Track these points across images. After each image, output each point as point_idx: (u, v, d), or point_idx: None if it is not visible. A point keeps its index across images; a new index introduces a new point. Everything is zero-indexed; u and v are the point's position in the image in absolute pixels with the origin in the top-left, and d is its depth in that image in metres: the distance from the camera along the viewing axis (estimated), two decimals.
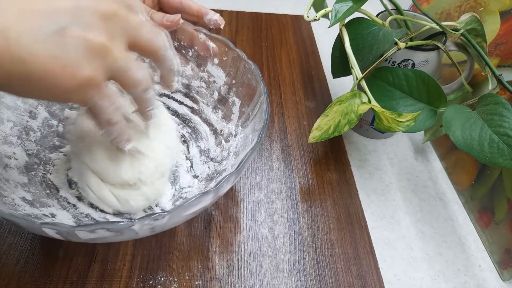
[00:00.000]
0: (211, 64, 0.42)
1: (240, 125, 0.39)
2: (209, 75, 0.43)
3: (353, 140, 0.48)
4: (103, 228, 0.23)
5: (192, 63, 0.43)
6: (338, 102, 0.38)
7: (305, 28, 0.65)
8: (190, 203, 0.25)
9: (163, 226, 0.27)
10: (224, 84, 0.42)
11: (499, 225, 0.38)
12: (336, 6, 0.37)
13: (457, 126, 0.35)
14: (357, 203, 0.41)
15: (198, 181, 0.38)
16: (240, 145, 0.37)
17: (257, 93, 0.36)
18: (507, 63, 0.39)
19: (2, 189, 0.29)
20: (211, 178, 0.37)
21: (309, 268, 0.35)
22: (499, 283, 0.37)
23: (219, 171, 0.37)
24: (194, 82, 0.44)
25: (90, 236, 0.24)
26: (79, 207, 0.34)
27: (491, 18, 0.41)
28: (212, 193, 0.27)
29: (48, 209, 0.31)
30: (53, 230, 0.23)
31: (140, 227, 0.25)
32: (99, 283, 0.32)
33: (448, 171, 0.46)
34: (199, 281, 0.33)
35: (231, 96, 0.41)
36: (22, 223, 0.23)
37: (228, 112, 0.41)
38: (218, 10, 0.65)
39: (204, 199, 0.26)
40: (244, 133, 0.38)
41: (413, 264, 0.37)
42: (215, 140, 0.41)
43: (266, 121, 0.32)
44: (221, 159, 0.39)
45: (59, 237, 0.25)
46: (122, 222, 0.23)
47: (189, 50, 0.42)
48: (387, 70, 0.39)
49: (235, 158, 0.36)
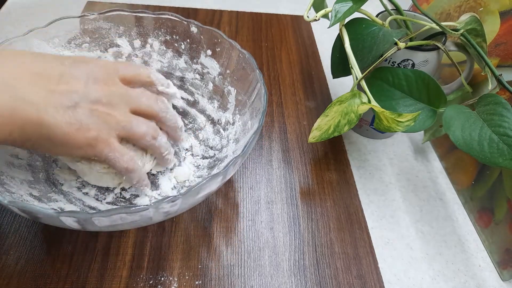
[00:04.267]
0: (204, 56, 0.42)
1: (238, 113, 0.40)
2: (203, 67, 0.43)
3: (353, 140, 0.48)
4: (119, 213, 0.25)
5: (185, 55, 0.43)
6: (338, 102, 0.38)
7: (305, 28, 0.65)
8: (200, 186, 0.27)
9: (176, 210, 0.29)
10: (219, 75, 0.42)
11: (499, 225, 0.38)
12: (336, 6, 0.37)
13: (457, 126, 0.35)
14: (357, 203, 0.41)
15: (199, 169, 0.39)
16: (239, 132, 0.38)
17: (253, 80, 0.37)
18: (507, 63, 0.39)
19: (9, 186, 0.30)
20: (213, 165, 0.38)
21: (309, 268, 0.35)
22: (499, 283, 0.37)
23: (220, 158, 0.38)
24: (188, 75, 0.44)
25: (106, 223, 0.26)
26: (85, 200, 0.34)
27: (491, 18, 0.41)
28: (221, 176, 0.28)
29: (56, 203, 0.32)
30: (72, 218, 0.24)
31: (155, 211, 0.26)
32: (99, 283, 0.32)
33: (448, 171, 0.46)
34: (199, 281, 0.33)
35: (226, 86, 0.42)
36: (40, 215, 0.25)
37: (224, 101, 0.42)
38: (218, 10, 0.66)
39: (213, 182, 0.28)
40: (243, 120, 0.38)
41: (413, 264, 0.37)
42: (213, 129, 0.42)
43: (265, 106, 0.34)
44: (221, 146, 0.40)
45: (75, 226, 0.26)
46: (137, 207, 0.25)
47: (181, 43, 0.42)
48: (387, 70, 0.39)
49: (236, 145, 0.37)
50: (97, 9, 0.51)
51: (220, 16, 0.64)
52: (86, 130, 0.27)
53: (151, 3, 0.65)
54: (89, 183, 0.36)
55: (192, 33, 0.42)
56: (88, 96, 0.28)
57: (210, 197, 0.39)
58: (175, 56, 0.44)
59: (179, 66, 0.44)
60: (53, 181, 0.35)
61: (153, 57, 0.44)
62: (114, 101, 0.29)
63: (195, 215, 0.37)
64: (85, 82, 0.28)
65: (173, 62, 0.44)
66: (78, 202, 0.34)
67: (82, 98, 0.27)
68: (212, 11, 0.65)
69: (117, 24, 0.41)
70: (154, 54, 0.44)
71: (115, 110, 0.29)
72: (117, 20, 0.41)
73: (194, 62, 0.43)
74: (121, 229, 0.34)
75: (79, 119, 0.27)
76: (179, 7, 0.65)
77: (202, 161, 0.40)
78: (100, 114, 0.28)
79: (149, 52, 0.43)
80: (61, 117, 0.26)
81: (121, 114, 0.30)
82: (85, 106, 0.28)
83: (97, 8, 0.61)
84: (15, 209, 0.25)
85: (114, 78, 0.30)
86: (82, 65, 0.29)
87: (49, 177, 0.35)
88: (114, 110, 0.29)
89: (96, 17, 0.40)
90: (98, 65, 0.30)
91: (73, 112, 0.27)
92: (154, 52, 0.43)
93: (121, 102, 0.30)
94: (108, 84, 0.29)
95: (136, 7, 0.64)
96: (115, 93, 0.29)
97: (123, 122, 0.29)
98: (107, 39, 0.42)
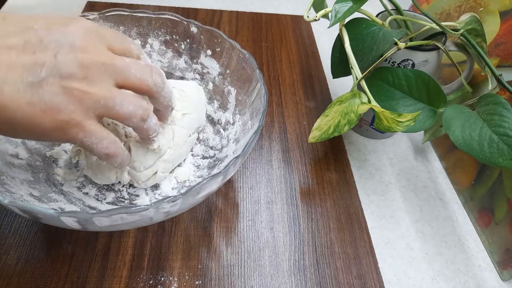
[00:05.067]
0: (204, 56, 0.43)
1: (238, 112, 0.40)
2: (203, 67, 0.43)
3: (353, 140, 0.48)
4: (119, 213, 0.24)
5: (185, 55, 0.43)
6: (338, 102, 0.38)
7: (305, 28, 0.65)
8: (201, 185, 0.27)
9: (176, 210, 0.28)
10: (219, 75, 0.42)
11: (499, 225, 0.38)
12: (336, 6, 0.37)
13: (457, 126, 0.35)
14: (357, 203, 0.41)
15: (199, 169, 0.39)
16: (239, 132, 0.38)
17: (253, 80, 0.37)
18: (507, 63, 0.39)
19: (9, 186, 0.30)
20: (213, 165, 0.38)
21: (309, 268, 0.35)
22: (499, 283, 0.37)
23: (221, 158, 0.38)
24: (188, 75, 0.44)
25: (106, 223, 0.25)
26: (85, 201, 0.34)
27: (491, 18, 0.41)
28: (222, 175, 0.28)
29: (56, 203, 0.32)
30: (73, 218, 0.24)
31: (155, 211, 0.26)
32: (99, 283, 0.32)
33: (447, 171, 0.46)
34: (199, 281, 0.33)
35: (226, 86, 0.42)
36: (40, 216, 0.24)
37: (224, 101, 0.42)
38: (218, 10, 0.66)
39: (214, 182, 0.28)
40: (243, 120, 0.39)
41: (413, 264, 0.37)
42: (213, 129, 0.42)
43: (265, 106, 0.34)
44: (221, 146, 0.40)
45: (76, 226, 0.26)
46: (137, 207, 0.25)
47: (181, 43, 0.42)
48: (387, 70, 0.39)
49: (236, 145, 0.37)
50: (97, 9, 0.51)
51: (220, 16, 0.64)
52: (54, 112, 0.23)
53: (151, 3, 0.65)
54: (89, 183, 0.36)
55: (192, 33, 0.42)
56: (59, 69, 0.23)
57: (210, 197, 0.39)
58: (175, 56, 0.44)
59: (179, 66, 0.44)
60: (53, 181, 0.35)
61: (153, 57, 0.44)
62: (93, 73, 0.24)
63: (195, 215, 0.37)
64: (57, 51, 0.23)
65: (173, 62, 0.44)
66: (78, 202, 0.34)
67: (51, 72, 0.22)
68: (212, 11, 0.65)
69: (117, 24, 0.41)
70: (154, 54, 0.44)
71: (95, 85, 0.24)
72: (117, 20, 0.41)
73: (194, 62, 0.43)
74: (121, 229, 0.34)
75: (45, 98, 0.22)
76: (179, 7, 0.65)
77: (202, 161, 0.40)
78: (74, 91, 0.23)
79: (149, 52, 0.44)
80: (20, 97, 0.22)
81: (103, 89, 0.24)
82: (54, 82, 0.23)
83: (97, 8, 0.61)
84: (15, 209, 0.25)
85: (99, 45, 0.25)
86: (57, 27, 0.23)
87: (49, 177, 0.35)
88: (93, 85, 0.24)
89: (96, 17, 0.40)
90: (80, 28, 0.24)
91: (38, 89, 0.22)
92: (154, 52, 0.44)
93: (104, 74, 0.24)
94: (89, 52, 0.24)
95: (136, 7, 0.63)
96: (96, 63, 0.24)
97: (103, 99, 0.24)
98: None
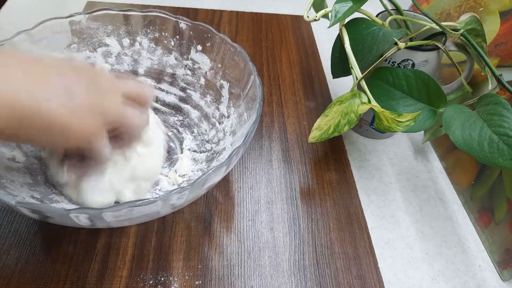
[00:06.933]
0: (194, 52, 0.43)
1: (232, 105, 0.40)
2: (194, 62, 0.43)
3: (353, 140, 0.48)
4: (129, 207, 0.25)
5: (175, 52, 0.43)
6: (338, 102, 0.38)
7: (305, 28, 0.65)
8: (206, 176, 0.27)
9: (182, 203, 0.29)
10: (210, 69, 0.42)
11: (499, 225, 0.38)
12: (336, 6, 0.37)
13: (457, 126, 0.35)
14: (357, 203, 0.41)
15: (197, 163, 0.39)
16: (235, 124, 0.38)
17: (246, 73, 0.37)
18: (507, 63, 0.39)
19: (10, 189, 0.30)
20: (211, 158, 0.39)
21: (309, 268, 0.35)
22: (499, 283, 0.37)
23: (218, 151, 0.38)
24: (179, 71, 0.44)
25: (115, 218, 0.26)
26: None
27: (491, 18, 0.41)
28: (225, 166, 0.29)
29: (58, 204, 0.32)
30: (83, 215, 0.25)
31: (163, 203, 0.27)
32: (99, 283, 0.32)
33: (447, 171, 0.46)
34: (199, 281, 0.33)
35: (218, 80, 0.42)
36: (50, 214, 0.25)
37: (217, 95, 0.42)
38: (218, 10, 0.66)
39: (218, 172, 0.28)
40: (238, 113, 0.39)
41: (413, 264, 0.37)
42: (208, 123, 0.42)
43: (261, 97, 0.34)
44: (217, 140, 0.40)
45: (85, 223, 0.26)
46: (145, 199, 0.25)
47: (171, 40, 0.42)
48: (387, 70, 0.39)
49: (233, 137, 0.37)
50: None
51: (220, 16, 0.64)
52: (85, 122, 0.27)
53: (151, 3, 0.65)
54: None
55: (181, 30, 0.42)
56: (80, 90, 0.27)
57: (210, 197, 0.39)
58: (165, 53, 0.44)
59: (170, 62, 0.44)
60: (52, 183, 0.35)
61: (143, 55, 0.44)
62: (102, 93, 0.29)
63: (195, 215, 0.37)
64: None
65: (163, 59, 0.44)
66: None
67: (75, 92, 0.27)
68: (212, 11, 0.65)
69: (105, 23, 0.41)
70: (144, 52, 0.44)
71: (107, 100, 0.29)
72: (105, 19, 0.41)
73: (184, 58, 0.43)
74: (128, 225, 0.34)
75: (76, 110, 0.26)
76: (179, 7, 0.65)
77: (199, 155, 0.40)
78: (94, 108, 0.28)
79: (139, 50, 0.43)
80: (63, 108, 0.26)
81: (113, 105, 0.29)
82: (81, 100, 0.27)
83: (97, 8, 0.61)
84: (24, 210, 0.25)
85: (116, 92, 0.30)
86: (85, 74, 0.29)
87: (47, 179, 0.35)
88: (105, 100, 0.28)
89: (84, 17, 0.40)
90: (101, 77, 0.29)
91: (71, 104, 0.26)
92: (144, 50, 0.43)
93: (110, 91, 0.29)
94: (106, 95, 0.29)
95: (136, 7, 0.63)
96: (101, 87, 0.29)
97: (115, 115, 0.29)
98: (96, 39, 0.41)
